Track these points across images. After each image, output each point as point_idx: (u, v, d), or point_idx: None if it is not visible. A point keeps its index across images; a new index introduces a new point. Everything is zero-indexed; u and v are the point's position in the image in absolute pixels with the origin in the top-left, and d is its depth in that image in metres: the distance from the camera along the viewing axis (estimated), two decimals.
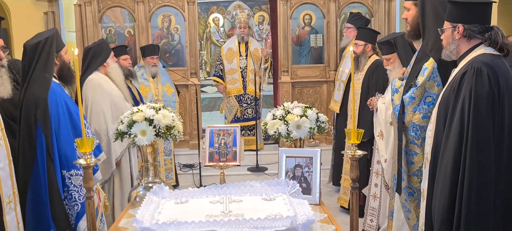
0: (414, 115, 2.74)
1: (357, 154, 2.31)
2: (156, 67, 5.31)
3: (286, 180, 2.48)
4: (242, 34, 6.46)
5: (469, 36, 2.33)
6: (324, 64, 6.70)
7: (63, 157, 2.94)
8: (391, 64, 3.88)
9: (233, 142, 2.71)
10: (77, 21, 6.39)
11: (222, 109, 6.76)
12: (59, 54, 3.14)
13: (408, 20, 2.92)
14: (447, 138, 2.28)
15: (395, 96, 2.95)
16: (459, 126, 2.20)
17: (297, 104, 2.83)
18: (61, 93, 3.08)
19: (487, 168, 2.15)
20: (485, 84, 2.17)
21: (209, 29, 12.51)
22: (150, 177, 2.74)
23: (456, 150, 2.20)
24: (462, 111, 2.20)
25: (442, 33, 2.43)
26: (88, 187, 2.25)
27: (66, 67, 3.19)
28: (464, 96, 2.20)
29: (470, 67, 2.22)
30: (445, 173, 2.24)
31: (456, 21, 2.34)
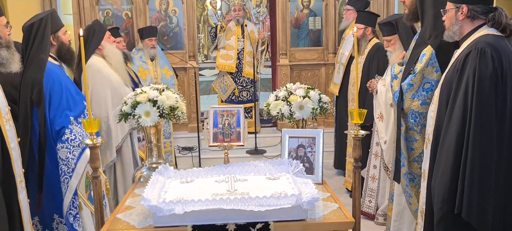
0: (413, 102, 2.76)
1: (360, 133, 2.34)
2: (154, 49, 5.29)
3: (289, 159, 2.51)
4: (237, 16, 6.42)
5: (473, 16, 2.34)
6: (322, 47, 6.70)
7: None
8: (392, 46, 3.88)
9: (237, 122, 2.73)
10: (74, 3, 6.34)
11: (214, 88, 6.70)
12: (57, 35, 3.13)
13: (406, 3, 2.92)
14: (449, 119, 2.29)
15: (394, 82, 2.95)
16: (462, 106, 2.21)
17: (300, 85, 2.84)
18: (58, 73, 3.09)
19: (489, 149, 2.17)
20: (489, 65, 2.18)
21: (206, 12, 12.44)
22: (154, 157, 2.77)
23: (458, 130, 2.21)
24: (465, 92, 2.21)
25: (445, 14, 2.43)
26: (94, 167, 2.27)
27: (65, 48, 3.18)
28: (468, 76, 2.21)
29: (474, 48, 2.23)
30: (448, 153, 2.26)
31: (460, 1, 2.35)
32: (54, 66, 3.12)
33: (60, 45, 3.15)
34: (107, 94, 3.76)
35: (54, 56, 3.17)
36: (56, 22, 3.14)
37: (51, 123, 2.97)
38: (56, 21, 3.14)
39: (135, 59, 5.17)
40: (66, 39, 3.19)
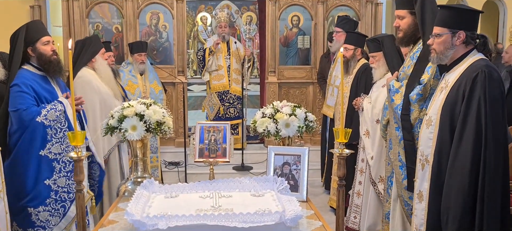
0: (422, 111, 2.83)
1: (344, 152, 2.37)
2: (144, 64, 5.29)
3: (274, 177, 2.53)
4: (223, 33, 6.47)
5: (467, 42, 2.46)
6: (311, 66, 6.78)
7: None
8: (376, 63, 3.99)
9: (223, 138, 2.75)
10: (64, 15, 6.33)
11: (204, 108, 6.73)
12: (35, 46, 3.14)
13: (402, 27, 3.01)
14: (460, 139, 2.36)
15: (396, 97, 3.02)
16: (475, 126, 2.30)
17: (286, 103, 2.88)
18: (30, 81, 3.10)
19: (500, 166, 2.33)
20: (497, 86, 2.34)
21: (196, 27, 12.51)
22: (139, 171, 2.76)
23: (474, 150, 2.30)
24: (478, 112, 2.31)
25: (437, 38, 2.51)
26: (78, 180, 2.25)
27: (44, 59, 3.15)
28: (479, 98, 2.31)
29: (481, 71, 2.34)
30: (462, 173, 2.32)
31: (455, 27, 2.45)
32: (29, 73, 3.14)
33: (38, 56, 3.15)
34: (95, 105, 3.78)
35: (37, 66, 3.17)
36: (33, 34, 3.13)
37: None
38: (33, 33, 3.13)
39: (124, 73, 5.18)
40: (46, 50, 3.16)
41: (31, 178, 3.06)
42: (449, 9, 2.51)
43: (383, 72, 3.96)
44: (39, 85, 3.14)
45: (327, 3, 6.65)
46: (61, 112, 3.11)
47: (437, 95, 2.59)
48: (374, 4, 6.68)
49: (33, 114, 3.02)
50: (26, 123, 3.01)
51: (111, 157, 3.87)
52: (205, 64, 6.47)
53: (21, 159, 3.05)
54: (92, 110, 3.74)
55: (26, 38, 3.09)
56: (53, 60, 3.17)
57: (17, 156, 3.05)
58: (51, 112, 3.06)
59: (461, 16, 2.47)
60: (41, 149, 3.06)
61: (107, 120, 2.69)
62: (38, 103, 3.10)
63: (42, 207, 3.06)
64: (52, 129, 3.07)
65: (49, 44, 3.18)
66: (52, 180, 3.09)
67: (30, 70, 3.15)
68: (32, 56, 3.15)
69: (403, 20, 2.98)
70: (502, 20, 8.11)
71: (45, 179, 3.08)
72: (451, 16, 2.47)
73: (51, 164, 3.09)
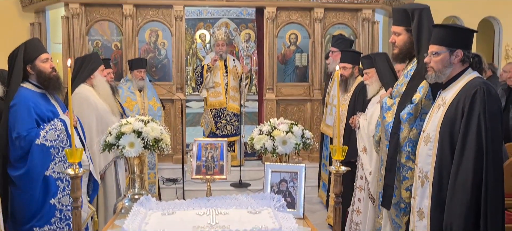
0: (411, 131, 2.84)
1: (341, 169, 2.39)
2: (143, 81, 5.33)
3: (271, 194, 2.53)
4: (220, 51, 6.51)
5: (464, 60, 2.51)
6: (308, 83, 6.82)
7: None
8: (369, 79, 4.04)
9: (220, 155, 2.76)
10: (64, 33, 6.39)
11: (202, 123, 6.75)
12: (34, 64, 3.17)
13: (397, 43, 3.03)
14: (461, 155, 2.39)
15: (388, 114, 3.04)
16: (476, 142, 2.34)
17: (283, 120, 2.90)
18: (31, 99, 3.13)
19: (501, 179, 2.37)
20: (495, 102, 2.39)
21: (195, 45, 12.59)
22: (136, 188, 2.76)
23: (475, 166, 2.33)
24: (478, 128, 2.35)
25: (434, 57, 2.54)
26: (75, 197, 2.26)
27: (43, 76, 3.19)
28: (479, 114, 2.35)
29: (479, 88, 2.39)
30: (465, 189, 2.35)
31: (453, 46, 2.50)
32: (29, 92, 3.16)
33: (37, 73, 3.18)
34: (92, 121, 3.80)
35: (36, 84, 3.21)
36: (32, 51, 3.17)
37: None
38: (32, 50, 3.17)
39: (123, 89, 5.21)
40: (45, 67, 3.19)
41: (38, 200, 3.11)
42: (447, 28, 2.56)
43: (376, 88, 4.01)
44: (40, 104, 3.17)
45: (324, 22, 6.73)
46: (62, 131, 3.14)
47: (434, 113, 2.61)
48: (371, 22, 6.76)
49: (32, 138, 3.07)
50: (27, 148, 3.07)
51: (107, 173, 3.89)
52: (203, 81, 6.51)
53: (28, 182, 3.10)
54: (88, 126, 3.77)
55: (24, 56, 3.14)
56: (53, 77, 3.21)
57: (23, 180, 3.09)
58: (50, 133, 3.10)
59: (459, 35, 2.52)
60: (46, 169, 3.11)
61: (105, 137, 2.70)
62: (40, 122, 3.13)
63: (47, 226, 3.10)
64: (54, 149, 3.12)
65: (48, 62, 3.21)
66: (57, 199, 3.14)
67: (30, 88, 3.18)
68: (31, 74, 3.18)
69: (399, 36, 3.00)
70: (498, 39, 8.20)
71: (51, 199, 3.13)
72: (449, 35, 2.52)
73: (55, 183, 3.14)
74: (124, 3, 6.35)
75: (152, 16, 6.55)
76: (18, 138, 3.05)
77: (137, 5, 6.45)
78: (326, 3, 6.60)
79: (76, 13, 6.30)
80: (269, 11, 6.59)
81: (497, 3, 7.89)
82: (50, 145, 3.10)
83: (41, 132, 3.10)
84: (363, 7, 6.65)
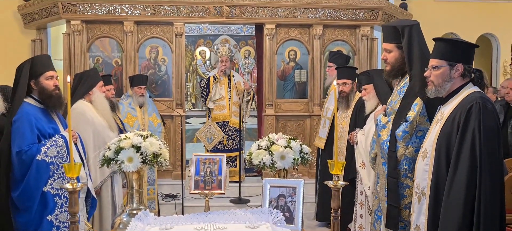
0: (407, 149, 2.83)
1: (339, 184, 2.39)
2: (143, 97, 5.36)
3: (270, 209, 2.52)
4: (224, 67, 6.56)
5: (464, 75, 2.50)
6: (307, 99, 6.85)
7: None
8: (367, 95, 4.09)
9: (218, 170, 2.76)
10: (65, 49, 6.44)
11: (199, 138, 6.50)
12: (38, 80, 3.20)
13: (389, 60, 3.02)
14: (454, 172, 2.36)
15: (382, 132, 3.01)
16: (469, 158, 2.31)
17: (282, 135, 2.91)
18: (33, 115, 3.15)
19: (497, 196, 2.32)
20: (491, 117, 2.35)
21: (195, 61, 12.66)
22: (135, 203, 2.75)
23: (468, 182, 2.30)
24: (472, 144, 2.32)
25: (434, 70, 2.52)
26: (73, 211, 2.26)
27: (45, 94, 3.21)
28: (474, 129, 2.33)
29: (475, 102, 2.37)
30: (457, 205, 2.32)
31: (454, 60, 2.49)
32: (31, 107, 3.18)
33: (40, 90, 3.21)
34: (88, 136, 3.81)
35: (38, 99, 3.23)
36: (38, 68, 3.20)
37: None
38: (38, 66, 3.20)
39: (123, 105, 5.24)
40: (48, 85, 3.21)
41: (35, 215, 3.10)
42: (447, 42, 2.54)
43: (374, 104, 4.03)
44: (41, 120, 3.19)
45: (323, 38, 6.78)
46: (62, 147, 3.15)
47: (432, 128, 2.60)
48: (369, 39, 6.82)
49: (33, 154, 3.07)
50: (28, 163, 3.07)
51: (103, 188, 3.88)
52: (209, 92, 6.55)
53: (27, 197, 3.09)
54: (84, 141, 3.76)
55: (30, 71, 3.16)
56: (54, 95, 3.23)
57: (22, 195, 3.09)
58: (51, 149, 3.11)
59: (459, 49, 2.50)
60: (44, 185, 3.11)
61: (104, 152, 2.71)
62: (41, 138, 3.14)
63: None
64: (54, 165, 3.12)
65: (52, 79, 3.23)
66: (54, 215, 3.13)
67: (32, 104, 3.20)
68: (34, 89, 3.21)
69: (390, 53, 3.00)
70: (496, 55, 8.26)
71: (48, 215, 3.12)
72: (449, 49, 2.50)
73: (53, 199, 3.14)
74: (125, 20, 6.42)
75: (153, 32, 6.62)
76: (20, 152, 3.06)
77: (137, 22, 6.51)
78: (325, 20, 6.67)
79: (78, 30, 6.36)
80: (269, 28, 6.66)
81: (495, 20, 7.97)
82: (50, 161, 3.11)
83: (42, 147, 3.11)
84: (362, 24, 6.71)
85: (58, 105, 3.30)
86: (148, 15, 6.46)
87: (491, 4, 8.02)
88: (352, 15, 6.69)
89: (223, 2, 6.51)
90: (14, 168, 3.10)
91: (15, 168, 3.10)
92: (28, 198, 3.09)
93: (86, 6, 6.33)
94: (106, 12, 6.38)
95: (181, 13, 6.49)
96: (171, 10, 6.47)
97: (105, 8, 6.37)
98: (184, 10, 6.49)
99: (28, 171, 3.08)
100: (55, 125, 3.29)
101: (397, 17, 6.92)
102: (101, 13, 6.38)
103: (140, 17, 6.46)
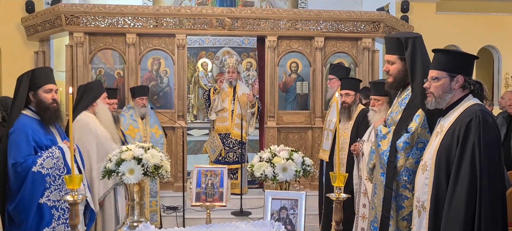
0: (408, 160, 2.81)
1: (341, 196, 2.37)
2: (145, 108, 5.37)
3: (271, 221, 2.51)
4: (230, 78, 6.59)
5: (464, 86, 2.47)
6: (309, 111, 6.85)
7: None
8: (379, 106, 3.88)
9: (220, 182, 2.75)
10: (67, 61, 6.47)
11: (206, 149, 6.76)
12: (36, 92, 3.18)
13: (391, 72, 3.01)
14: (454, 186, 2.33)
15: (382, 142, 2.99)
16: (469, 173, 2.28)
17: (284, 148, 2.90)
18: (29, 127, 3.14)
19: (497, 212, 2.27)
20: (491, 131, 2.32)
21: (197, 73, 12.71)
22: (136, 215, 2.74)
23: (467, 197, 2.26)
24: (472, 158, 2.29)
25: (434, 82, 2.50)
26: (73, 224, 2.25)
27: (42, 106, 3.18)
28: (474, 143, 2.29)
29: (475, 115, 2.34)
30: (457, 221, 2.28)
31: (454, 71, 2.47)
32: (28, 119, 3.17)
33: (37, 102, 3.19)
34: (92, 147, 3.80)
35: (35, 111, 3.22)
36: (37, 80, 3.18)
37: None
38: (38, 79, 3.19)
39: (125, 117, 5.24)
40: (46, 97, 3.19)
41: (31, 228, 3.06)
42: (448, 53, 2.52)
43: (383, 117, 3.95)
44: (38, 131, 3.17)
45: (325, 50, 6.80)
46: (59, 159, 3.13)
47: (432, 140, 2.58)
48: (371, 51, 6.84)
49: (29, 166, 3.05)
50: (23, 175, 3.05)
51: (106, 200, 3.86)
52: (210, 104, 6.56)
53: (22, 209, 3.07)
54: (88, 153, 3.77)
55: (30, 83, 3.16)
56: (51, 108, 3.19)
57: (17, 207, 3.07)
58: (47, 161, 3.09)
59: (459, 60, 2.48)
60: (40, 197, 3.07)
61: (105, 163, 2.70)
62: (37, 150, 3.13)
63: None
64: (50, 177, 3.09)
65: (51, 93, 3.21)
66: (50, 228, 3.08)
67: (29, 115, 3.19)
68: (32, 101, 3.20)
69: (393, 65, 2.98)
70: (497, 67, 8.27)
71: (44, 228, 3.08)
72: (450, 60, 2.48)
73: (50, 212, 3.10)
74: (127, 32, 6.46)
75: (155, 44, 6.65)
76: (15, 164, 3.05)
77: (140, 34, 6.55)
78: (326, 32, 6.70)
79: (80, 42, 6.40)
80: (270, 40, 6.68)
81: (496, 32, 8.00)
82: (46, 173, 3.08)
83: (38, 159, 3.09)
84: (363, 36, 6.74)
85: (54, 119, 3.26)
86: (150, 27, 6.50)
87: (492, 16, 8.05)
88: (353, 27, 6.71)
89: (225, 14, 6.55)
90: (10, 180, 3.08)
91: (11, 180, 3.07)
92: (24, 211, 3.06)
93: (89, 18, 6.37)
94: (108, 24, 6.42)
95: (183, 25, 6.53)
96: (173, 22, 6.51)
97: (108, 20, 6.41)
98: (186, 22, 6.53)
99: (23, 183, 3.05)
100: (53, 137, 3.26)
101: (399, 29, 6.95)
102: (103, 25, 6.42)
103: (142, 29, 6.49)
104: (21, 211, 3.07)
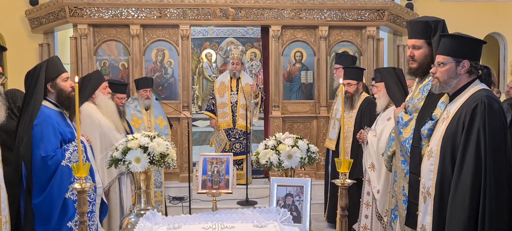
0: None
1: (346, 182, 2.38)
2: (149, 100, 5.38)
3: (277, 208, 2.52)
4: (234, 70, 6.59)
5: (471, 71, 2.44)
6: (314, 100, 6.84)
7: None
8: (378, 93, 4.09)
9: (225, 170, 2.76)
10: (72, 53, 6.49)
11: (212, 143, 6.81)
12: (55, 82, 3.15)
13: (417, 57, 2.91)
14: (459, 172, 2.32)
15: (405, 130, 2.94)
16: (474, 159, 2.27)
17: (289, 135, 2.91)
18: (54, 118, 3.12)
19: (503, 198, 2.26)
20: (497, 117, 2.30)
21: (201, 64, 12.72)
22: (142, 204, 2.77)
23: (472, 183, 2.25)
24: (477, 144, 2.27)
25: (440, 67, 2.48)
26: (81, 211, 2.27)
27: (64, 95, 3.17)
28: (479, 129, 2.28)
29: (480, 101, 2.31)
30: (462, 207, 2.28)
31: (460, 56, 2.43)
32: (52, 111, 3.15)
33: (58, 92, 3.16)
34: (95, 137, 3.82)
35: (55, 103, 3.19)
36: (53, 70, 3.15)
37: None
38: (53, 68, 3.16)
39: (129, 108, 5.26)
40: (66, 86, 3.18)
41: (56, 221, 3.05)
42: (453, 38, 2.48)
43: (385, 103, 4.01)
44: (61, 124, 3.16)
45: (329, 39, 6.78)
46: (82, 153, 3.10)
47: (438, 126, 2.57)
48: (376, 39, 6.80)
49: (59, 159, 3.03)
50: (53, 168, 3.01)
51: (111, 190, 3.89)
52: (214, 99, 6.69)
53: (50, 204, 3.03)
54: (91, 144, 3.77)
55: (46, 74, 3.11)
56: (72, 96, 3.17)
57: (44, 202, 3.02)
58: (74, 154, 3.08)
59: (466, 45, 2.44)
60: (66, 192, 3.06)
61: (112, 152, 2.72)
62: (62, 143, 3.11)
63: None
64: None
65: (68, 81, 3.20)
66: (74, 222, 3.08)
67: (49, 107, 3.15)
68: (51, 92, 3.16)
69: (419, 50, 2.89)
70: (503, 55, 8.20)
71: (68, 222, 3.08)
72: (456, 45, 2.44)
73: (73, 206, 3.09)
74: (131, 24, 6.46)
75: (159, 35, 6.65)
76: (46, 157, 2.98)
77: (144, 25, 6.55)
78: (330, 21, 6.67)
79: (84, 33, 6.41)
80: (274, 30, 6.66)
81: (501, 19, 7.92)
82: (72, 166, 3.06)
83: (66, 153, 3.06)
84: (368, 25, 6.70)
85: (71, 108, 3.24)
86: (154, 18, 6.49)
87: (498, 3, 7.98)
88: (357, 15, 6.68)
89: (229, 4, 6.53)
90: (34, 173, 3.00)
91: (36, 173, 3.00)
92: (51, 205, 3.02)
93: (92, 10, 6.37)
94: (112, 15, 6.43)
95: (187, 15, 6.52)
96: (177, 13, 6.50)
97: (112, 11, 6.41)
98: (190, 12, 6.52)
99: (52, 177, 3.00)
100: (72, 129, 3.25)
101: (404, 17, 6.90)
102: (107, 16, 6.42)
103: (146, 20, 6.49)
104: (49, 205, 3.02)
